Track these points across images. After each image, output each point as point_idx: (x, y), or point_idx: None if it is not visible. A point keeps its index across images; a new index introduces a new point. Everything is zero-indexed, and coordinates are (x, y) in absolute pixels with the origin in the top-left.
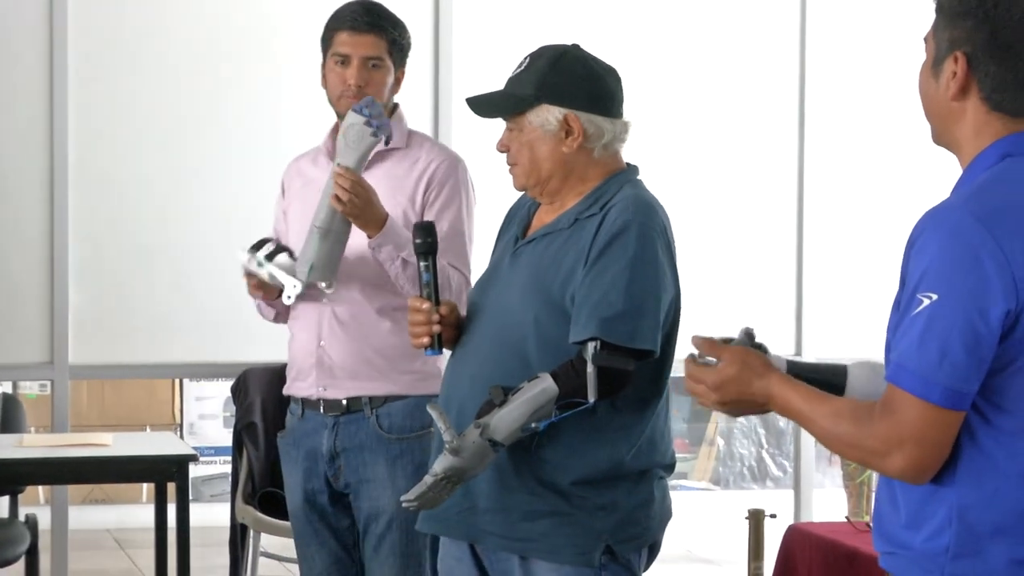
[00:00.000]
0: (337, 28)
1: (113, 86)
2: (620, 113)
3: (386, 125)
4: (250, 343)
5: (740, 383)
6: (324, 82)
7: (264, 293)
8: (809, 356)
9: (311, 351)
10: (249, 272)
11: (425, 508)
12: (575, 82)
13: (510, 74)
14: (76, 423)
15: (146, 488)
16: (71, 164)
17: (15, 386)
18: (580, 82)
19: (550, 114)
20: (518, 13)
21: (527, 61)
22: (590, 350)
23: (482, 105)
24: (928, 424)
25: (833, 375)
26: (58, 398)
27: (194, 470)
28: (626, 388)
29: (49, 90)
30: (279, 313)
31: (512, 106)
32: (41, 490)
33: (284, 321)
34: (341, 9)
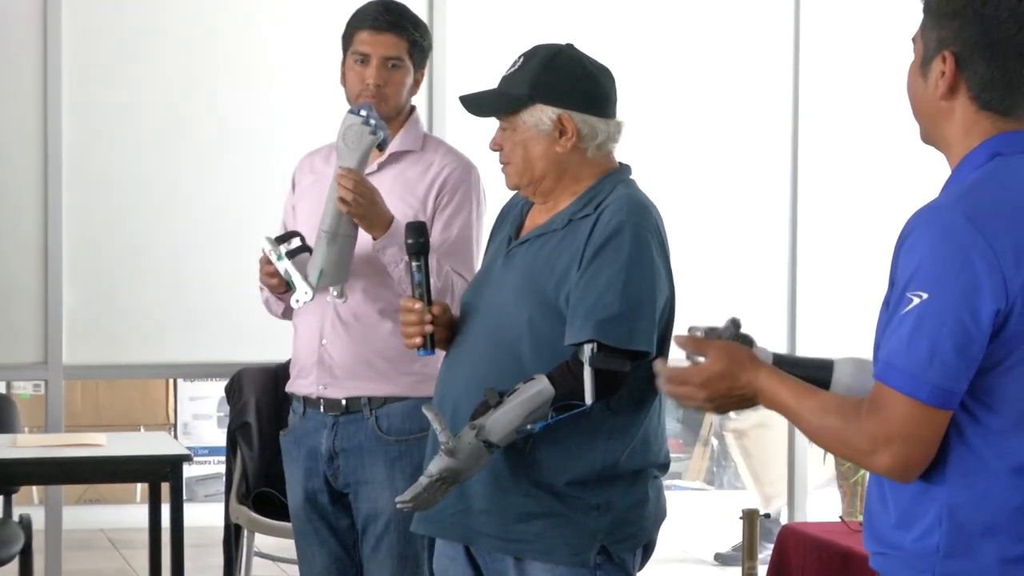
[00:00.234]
0: (358, 27)
1: (107, 87)
2: (614, 113)
3: (384, 124)
4: (244, 343)
5: (728, 378)
6: (343, 80)
7: (275, 284)
8: (802, 354)
9: (313, 349)
10: (267, 260)
11: (420, 509)
12: (569, 82)
13: (504, 73)
14: (70, 423)
15: (140, 488)
16: (65, 164)
17: (9, 386)
18: (574, 82)
19: (544, 114)
20: (512, 12)
21: (521, 60)
22: (587, 352)
23: (476, 104)
24: (916, 422)
25: (818, 369)
26: (52, 398)
27: (188, 470)
28: (621, 389)
29: (43, 90)
30: (287, 308)
31: (506, 105)
32: (35, 490)
33: (290, 318)
34: (363, 8)
